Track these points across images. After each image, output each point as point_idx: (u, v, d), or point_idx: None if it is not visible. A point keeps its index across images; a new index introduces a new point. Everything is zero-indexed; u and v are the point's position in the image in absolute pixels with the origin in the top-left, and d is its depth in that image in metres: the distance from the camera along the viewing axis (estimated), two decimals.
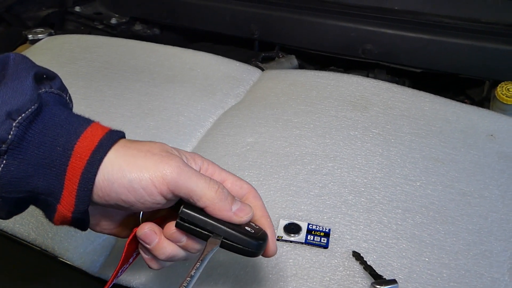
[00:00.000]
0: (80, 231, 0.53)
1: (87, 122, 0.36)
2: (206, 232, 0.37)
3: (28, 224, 0.55)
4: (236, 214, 0.37)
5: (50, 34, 0.99)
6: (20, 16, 1.07)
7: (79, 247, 0.53)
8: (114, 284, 0.48)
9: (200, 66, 0.83)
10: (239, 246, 0.37)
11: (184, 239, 0.38)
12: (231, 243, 0.37)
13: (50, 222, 0.37)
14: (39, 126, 0.34)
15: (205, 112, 0.73)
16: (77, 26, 1.10)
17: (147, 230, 0.38)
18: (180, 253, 0.38)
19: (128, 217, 0.42)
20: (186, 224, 0.37)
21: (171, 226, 0.37)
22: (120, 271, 0.40)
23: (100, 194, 0.35)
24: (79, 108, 0.41)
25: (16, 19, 1.07)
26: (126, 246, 0.39)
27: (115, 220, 0.41)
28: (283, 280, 0.48)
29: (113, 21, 1.08)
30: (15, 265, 0.53)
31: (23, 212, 0.55)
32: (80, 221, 0.36)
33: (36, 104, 0.34)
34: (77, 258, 0.52)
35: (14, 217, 0.55)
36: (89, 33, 1.03)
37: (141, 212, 0.40)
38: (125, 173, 0.34)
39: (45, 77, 0.37)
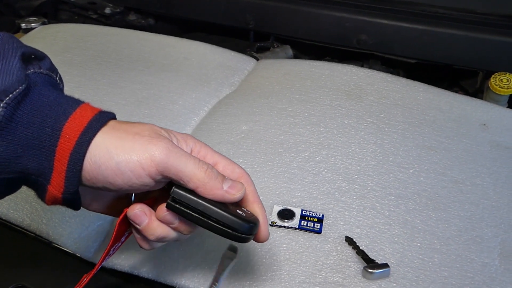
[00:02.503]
0: (74, 218, 0.54)
1: (76, 103, 0.36)
2: (197, 215, 0.36)
3: (22, 210, 0.55)
4: (228, 191, 0.37)
5: (43, 24, 0.99)
6: (13, 6, 1.06)
7: (74, 233, 0.53)
8: (108, 268, 0.49)
9: (195, 55, 0.83)
10: (230, 230, 0.37)
11: (176, 221, 0.38)
12: (221, 227, 0.37)
13: (43, 202, 0.37)
14: (27, 106, 0.34)
15: (199, 100, 0.73)
16: (71, 15, 1.09)
17: (137, 211, 0.37)
18: (171, 234, 0.38)
19: (120, 197, 0.42)
20: (178, 206, 0.36)
21: (163, 208, 0.37)
22: (112, 249, 0.40)
23: (87, 177, 0.35)
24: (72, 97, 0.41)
25: (9, 8, 1.07)
26: (117, 226, 0.38)
27: (106, 201, 0.41)
28: (276, 265, 0.48)
29: (107, 10, 1.07)
30: (9, 251, 0.53)
31: (17, 198, 0.56)
32: (71, 202, 0.36)
33: (24, 85, 0.33)
34: (71, 243, 0.52)
35: (8, 203, 0.56)
36: (83, 23, 1.03)
37: (133, 194, 0.40)
38: (112, 156, 0.34)
39: (33, 57, 0.36)
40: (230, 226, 0.36)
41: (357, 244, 0.50)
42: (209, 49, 0.85)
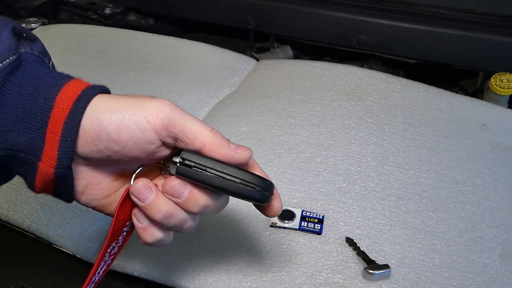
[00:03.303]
0: (74, 219, 0.54)
1: (69, 77, 0.34)
2: (212, 174, 0.33)
3: (22, 211, 0.55)
4: (235, 151, 0.35)
5: (43, 24, 0.99)
6: (13, 6, 1.06)
7: (74, 234, 0.53)
8: (109, 270, 0.48)
9: (195, 55, 0.83)
10: (250, 187, 0.34)
11: (186, 191, 0.35)
12: (241, 184, 0.34)
13: (32, 190, 0.35)
14: (18, 79, 0.32)
15: (199, 101, 0.73)
16: (71, 16, 1.09)
17: (140, 185, 0.35)
18: (179, 213, 0.35)
19: (117, 185, 0.38)
20: (190, 168, 0.33)
21: (171, 179, 0.35)
22: (111, 246, 0.37)
23: (89, 138, 0.33)
24: None
25: (9, 9, 1.06)
26: (117, 208, 0.35)
27: (102, 187, 0.38)
28: (277, 266, 0.48)
29: (107, 11, 1.07)
30: (9, 252, 0.53)
31: (17, 200, 0.56)
32: (64, 181, 0.34)
33: (14, 55, 0.32)
34: (71, 244, 0.52)
35: (8, 204, 0.56)
36: (83, 23, 1.03)
37: (134, 175, 0.37)
38: (115, 111, 0.33)
39: (24, 35, 0.35)
40: (251, 182, 0.34)
41: (358, 245, 0.50)
42: (209, 49, 0.85)
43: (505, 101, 0.74)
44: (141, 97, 0.34)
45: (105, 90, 0.35)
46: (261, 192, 0.35)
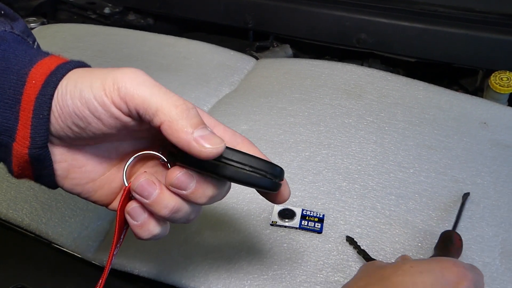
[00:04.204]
0: (74, 217, 0.54)
1: (46, 53, 0.32)
2: (219, 162, 0.30)
3: (22, 210, 0.55)
4: (197, 140, 0.29)
5: (42, 24, 0.99)
6: (12, 6, 1.05)
7: (73, 232, 0.52)
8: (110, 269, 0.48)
9: (195, 55, 0.83)
10: (261, 173, 0.31)
11: (193, 183, 0.31)
12: (250, 172, 0.30)
13: (11, 175, 0.33)
14: None
15: (199, 100, 0.73)
16: (70, 15, 1.09)
17: (143, 181, 0.31)
18: (184, 207, 0.32)
19: (102, 169, 0.35)
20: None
21: (175, 171, 0.32)
22: (116, 246, 0.35)
23: (56, 114, 0.30)
24: None
25: None
26: (119, 209, 0.33)
27: (86, 170, 0.34)
28: (277, 264, 0.48)
29: (107, 10, 1.07)
30: (9, 251, 0.53)
31: (16, 198, 0.56)
32: (41, 165, 0.32)
33: None
34: (71, 243, 0.52)
35: (8, 203, 0.55)
36: (82, 23, 1.03)
37: (125, 168, 0.34)
38: (78, 84, 0.30)
39: (2, 13, 0.34)
40: (260, 169, 0.31)
41: (358, 243, 0.50)
42: (209, 48, 0.85)
43: (504, 99, 0.74)
44: (114, 68, 0.31)
45: (83, 65, 0.33)
46: (272, 180, 0.32)
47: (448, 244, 0.47)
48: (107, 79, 0.30)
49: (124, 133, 0.32)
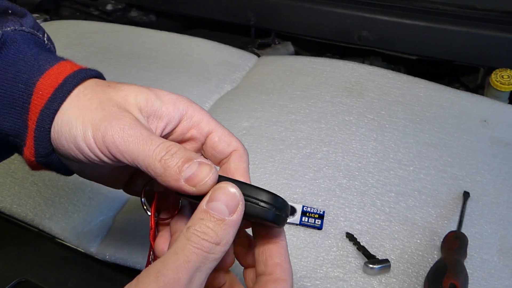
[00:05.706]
0: (77, 213, 0.54)
1: (56, 59, 0.32)
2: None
3: (26, 205, 0.55)
4: (188, 182, 0.29)
5: (45, 20, 0.99)
6: (15, 2, 1.06)
7: (77, 228, 0.53)
8: (110, 263, 0.49)
9: (196, 51, 0.83)
10: (269, 207, 0.29)
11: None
12: (258, 205, 0.29)
13: (30, 168, 0.34)
14: (1, 62, 0.31)
15: (201, 97, 0.74)
16: (72, 12, 1.09)
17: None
18: None
19: (120, 168, 0.35)
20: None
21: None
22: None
23: (53, 135, 0.31)
24: None
25: None
26: (152, 241, 0.34)
27: (103, 167, 0.35)
28: None
29: (109, 7, 1.07)
30: (12, 246, 0.54)
31: (20, 194, 0.56)
32: (52, 167, 0.33)
33: None
34: (74, 238, 0.53)
35: (12, 198, 0.56)
36: (85, 20, 1.03)
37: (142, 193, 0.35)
38: (72, 128, 0.31)
39: (10, 12, 0.34)
40: (266, 201, 0.30)
41: (358, 240, 0.50)
42: (211, 45, 0.86)
43: (505, 97, 0.74)
44: (101, 111, 0.31)
45: (91, 75, 0.33)
46: (281, 215, 0.31)
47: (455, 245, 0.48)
48: (96, 133, 0.30)
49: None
